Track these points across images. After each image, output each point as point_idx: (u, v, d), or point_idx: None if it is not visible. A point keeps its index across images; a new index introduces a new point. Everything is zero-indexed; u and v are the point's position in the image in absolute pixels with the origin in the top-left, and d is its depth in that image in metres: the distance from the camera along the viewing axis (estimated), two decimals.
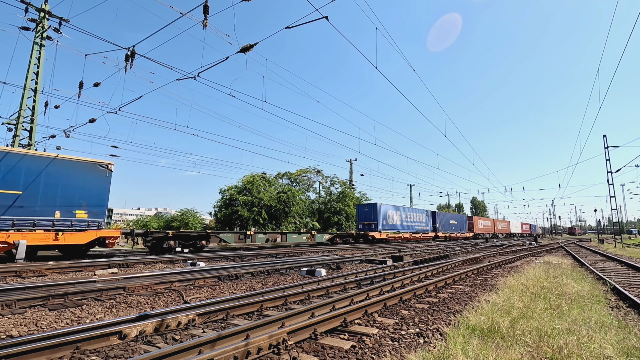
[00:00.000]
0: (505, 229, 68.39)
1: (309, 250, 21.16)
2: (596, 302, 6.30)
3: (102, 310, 5.73)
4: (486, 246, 27.05)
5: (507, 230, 69.40)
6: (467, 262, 13.98)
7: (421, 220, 41.55)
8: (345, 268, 12.10)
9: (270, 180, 41.94)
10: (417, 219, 40.58)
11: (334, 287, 7.47)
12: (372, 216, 33.33)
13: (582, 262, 14.67)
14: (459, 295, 7.17)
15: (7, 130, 18.75)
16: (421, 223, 41.16)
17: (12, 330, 4.61)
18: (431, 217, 43.63)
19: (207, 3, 7.70)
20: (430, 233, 42.36)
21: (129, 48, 8.87)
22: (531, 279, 8.72)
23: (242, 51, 8.48)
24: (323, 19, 7.70)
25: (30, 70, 19.07)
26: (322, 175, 47.99)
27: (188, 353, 3.34)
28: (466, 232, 51.54)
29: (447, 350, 3.60)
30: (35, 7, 18.54)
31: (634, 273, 11.39)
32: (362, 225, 33.59)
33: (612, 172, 29.90)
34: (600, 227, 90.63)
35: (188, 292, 7.47)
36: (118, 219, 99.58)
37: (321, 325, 4.38)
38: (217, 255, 15.52)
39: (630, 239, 62.64)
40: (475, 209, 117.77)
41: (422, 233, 40.52)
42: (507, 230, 69.91)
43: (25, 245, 12.78)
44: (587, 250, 24.51)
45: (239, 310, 5.42)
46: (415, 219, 40.01)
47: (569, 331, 4.33)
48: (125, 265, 12.13)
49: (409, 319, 5.19)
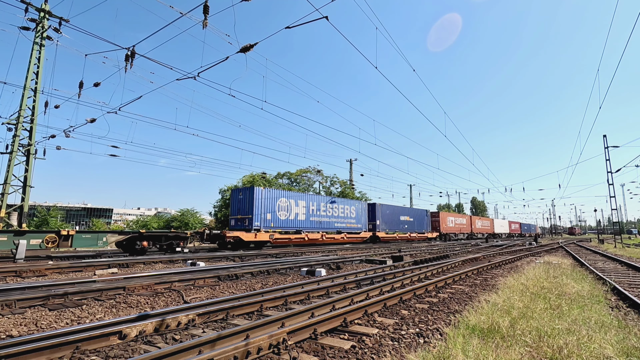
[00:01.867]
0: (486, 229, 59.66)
1: (309, 250, 21.16)
2: (596, 302, 6.30)
3: (102, 310, 5.73)
4: (486, 246, 27.05)
5: (489, 229, 60.87)
6: (467, 262, 13.98)
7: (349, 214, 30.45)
8: (345, 268, 12.10)
9: (270, 180, 41.97)
10: (340, 212, 29.63)
11: (333, 287, 7.47)
12: (247, 207, 22.59)
13: (582, 262, 14.66)
14: (459, 295, 7.17)
15: (7, 130, 18.75)
16: (348, 219, 30.32)
17: (12, 330, 4.61)
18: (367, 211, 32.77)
19: (207, 3, 7.69)
20: (363, 233, 31.33)
21: (129, 48, 8.87)
22: (531, 279, 8.71)
23: (242, 51, 8.48)
24: (323, 19, 7.69)
25: (30, 70, 19.07)
26: (322, 175, 48.00)
27: (188, 353, 3.34)
28: (428, 231, 41.78)
29: (447, 350, 3.60)
30: (35, 7, 18.53)
31: (634, 273, 11.39)
32: (234, 220, 23.57)
33: (612, 172, 29.91)
34: (600, 227, 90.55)
35: (188, 292, 7.47)
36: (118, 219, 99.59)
37: (321, 325, 4.38)
38: (217, 255, 15.51)
39: (630, 239, 62.65)
40: (475, 209, 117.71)
41: (347, 233, 29.60)
42: (490, 229, 61.32)
43: (25, 245, 12.78)
44: (587, 250, 24.51)
45: (239, 310, 5.42)
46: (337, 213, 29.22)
47: (569, 331, 4.32)
48: (125, 265, 12.13)
49: (409, 319, 5.19)
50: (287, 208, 24.89)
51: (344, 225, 29.75)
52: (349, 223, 30.42)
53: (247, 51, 8.40)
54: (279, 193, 24.65)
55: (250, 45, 8.35)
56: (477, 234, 56.29)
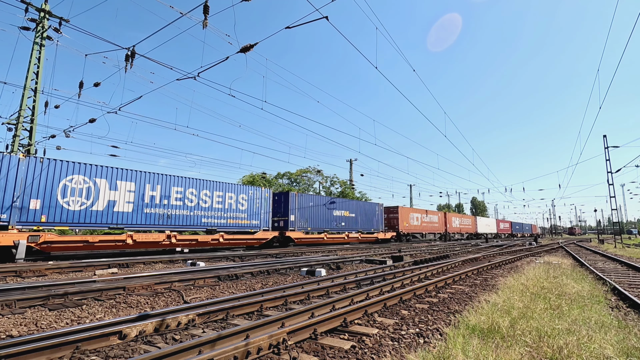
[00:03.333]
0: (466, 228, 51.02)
1: (309, 250, 21.17)
2: (596, 302, 6.30)
3: (102, 310, 5.73)
4: (486, 246, 27.06)
5: (470, 229, 52.16)
6: (467, 262, 13.98)
7: (235, 205, 20.84)
8: (345, 268, 12.11)
9: (270, 180, 42.00)
10: (216, 201, 19.85)
11: (334, 287, 7.47)
12: None
13: (582, 262, 14.66)
14: (459, 295, 7.17)
15: (7, 130, 18.75)
16: (234, 212, 20.65)
17: (12, 330, 4.61)
18: (269, 202, 23.20)
19: (207, 3, 7.69)
20: (260, 233, 21.94)
21: (129, 48, 8.87)
22: (531, 279, 8.71)
23: (242, 51, 8.48)
24: (323, 19, 7.69)
25: (30, 70, 19.07)
26: (322, 175, 48.05)
27: (188, 353, 3.34)
28: (379, 231, 33.17)
29: (447, 350, 3.60)
30: (35, 7, 18.53)
31: (634, 273, 11.39)
32: None
33: (612, 172, 29.91)
34: (600, 227, 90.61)
35: (188, 292, 7.47)
36: None
37: (321, 325, 4.38)
38: (217, 255, 15.52)
39: (630, 239, 62.67)
40: (475, 209, 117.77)
41: (226, 232, 20.02)
42: (471, 229, 52.69)
43: (25, 245, 12.79)
44: (587, 251, 24.51)
45: (239, 310, 5.42)
46: (208, 203, 19.49)
47: (569, 331, 4.32)
48: (125, 265, 12.13)
49: (409, 319, 5.19)
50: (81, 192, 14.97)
51: (223, 220, 20.14)
52: (237, 218, 20.97)
53: (247, 51, 8.40)
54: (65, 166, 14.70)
55: (250, 45, 8.35)
56: (454, 234, 46.95)
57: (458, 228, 48.49)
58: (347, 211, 29.89)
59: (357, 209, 31.35)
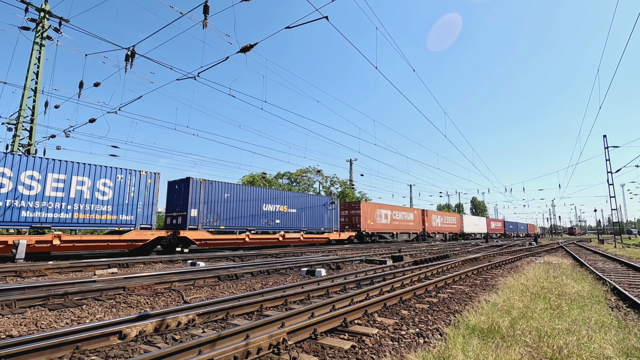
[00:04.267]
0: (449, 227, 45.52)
1: (309, 250, 21.18)
2: (596, 302, 6.30)
3: (102, 310, 5.73)
4: (486, 246, 27.06)
5: (455, 228, 46.85)
6: (467, 262, 13.98)
7: (90, 193, 14.72)
8: (345, 268, 12.11)
9: (270, 180, 42.01)
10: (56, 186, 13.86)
11: (333, 287, 7.47)
12: None
13: (582, 262, 14.67)
14: (459, 295, 7.17)
15: (7, 130, 18.77)
16: (88, 203, 14.62)
17: (12, 330, 4.61)
18: (153, 189, 16.86)
19: (207, 3, 7.69)
20: (134, 233, 15.62)
21: (129, 48, 8.87)
22: (531, 279, 8.71)
23: (242, 51, 8.48)
24: (323, 19, 7.70)
25: (30, 70, 19.08)
26: (322, 175, 48.04)
27: (188, 353, 3.34)
28: (332, 230, 27.90)
29: (447, 350, 3.60)
30: (35, 7, 18.54)
31: (634, 273, 11.39)
32: None
33: (612, 172, 29.92)
34: (600, 227, 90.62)
35: (188, 292, 7.47)
36: None
37: (321, 325, 4.38)
38: (217, 255, 15.52)
39: (630, 239, 62.70)
40: (475, 209, 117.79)
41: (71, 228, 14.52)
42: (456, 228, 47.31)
43: (25, 245, 12.78)
44: (587, 251, 24.51)
45: (239, 310, 5.42)
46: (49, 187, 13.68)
47: (569, 331, 4.32)
48: (125, 265, 12.14)
49: (409, 319, 5.19)
50: None
51: (65, 214, 14.11)
52: (88, 212, 14.73)
53: (247, 51, 8.41)
54: None
55: (250, 45, 8.35)
56: (434, 234, 41.33)
57: (439, 227, 42.84)
58: (284, 205, 24.06)
59: (300, 203, 25.49)
